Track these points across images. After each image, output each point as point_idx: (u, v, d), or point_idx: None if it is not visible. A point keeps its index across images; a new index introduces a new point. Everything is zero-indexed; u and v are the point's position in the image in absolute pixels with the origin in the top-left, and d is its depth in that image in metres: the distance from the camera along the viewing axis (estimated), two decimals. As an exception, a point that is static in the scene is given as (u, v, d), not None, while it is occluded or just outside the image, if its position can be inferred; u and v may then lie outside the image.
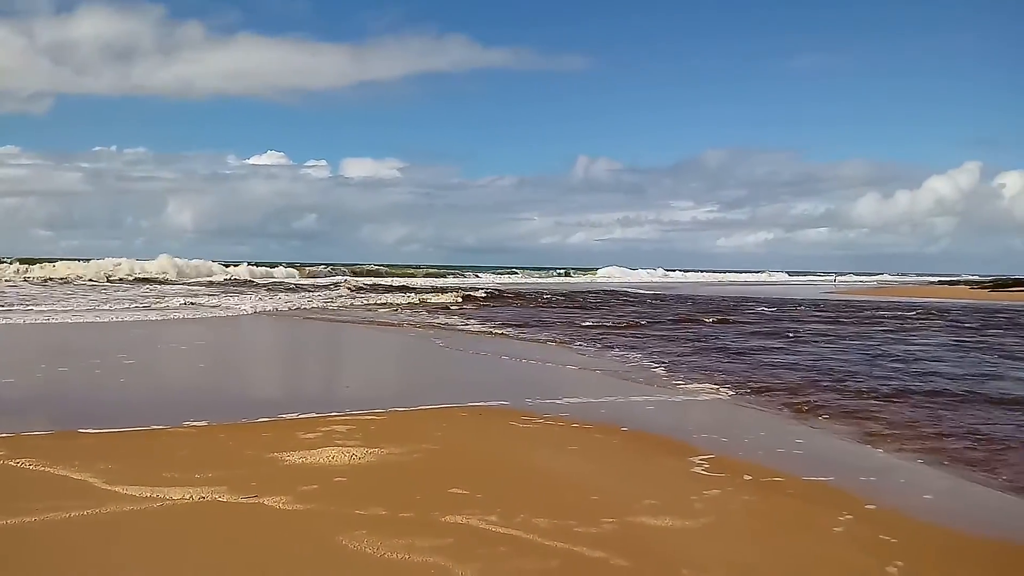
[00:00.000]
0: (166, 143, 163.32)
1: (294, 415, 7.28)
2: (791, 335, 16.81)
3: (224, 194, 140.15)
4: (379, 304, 25.36)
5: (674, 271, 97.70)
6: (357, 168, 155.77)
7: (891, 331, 18.34)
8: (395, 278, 53.52)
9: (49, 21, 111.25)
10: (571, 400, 8.60)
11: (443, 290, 35.06)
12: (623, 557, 3.94)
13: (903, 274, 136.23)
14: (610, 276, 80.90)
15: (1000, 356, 13.35)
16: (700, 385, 9.83)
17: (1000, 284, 58.78)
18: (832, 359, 12.54)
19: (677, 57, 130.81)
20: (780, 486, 5.39)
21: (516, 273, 78.41)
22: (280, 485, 4.98)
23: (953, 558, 4.18)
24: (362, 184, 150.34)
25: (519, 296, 32.10)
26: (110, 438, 6.31)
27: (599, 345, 14.32)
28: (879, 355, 13.20)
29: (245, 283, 39.47)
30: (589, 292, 39.27)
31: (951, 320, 22.53)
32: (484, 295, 31.19)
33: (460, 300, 27.99)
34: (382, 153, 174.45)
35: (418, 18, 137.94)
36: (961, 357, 13.09)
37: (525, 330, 17.13)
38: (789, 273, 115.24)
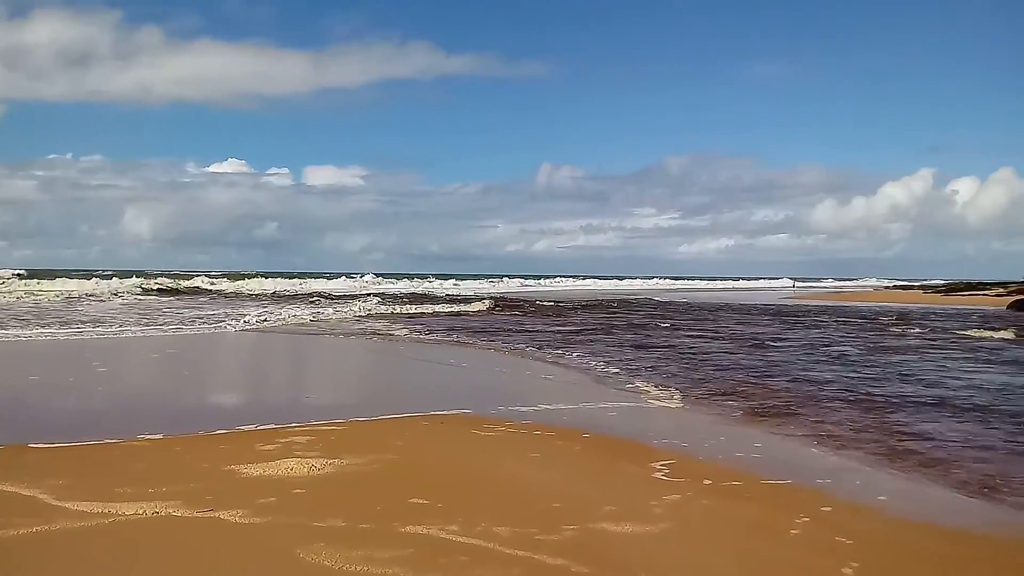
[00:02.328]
0: (123, 151, 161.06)
1: (252, 427, 7.17)
2: (754, 342, 17.07)
3: (183, 202, 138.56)
4: (415, 314, 25.44)
5: (607, 279, 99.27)
6: (320, 176, 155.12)
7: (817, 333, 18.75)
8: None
9: (2, 26, 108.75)
10: (534, 407, 8.60)
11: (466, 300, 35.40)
12: (583, 564, 3.94)
13: (863, 279, 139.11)
14: (558, 284, 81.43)
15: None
16: (661, 390, 9.91)
17: (953, 288, 60.33)
18: (792, 362, 12.75)
19: (638, 64, 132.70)
20: (739, 490, 5.44)
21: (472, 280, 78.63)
22: (237, 498, 4.90)
23: (906, 558, 4.26)
24: (325, 192, 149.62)
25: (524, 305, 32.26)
26: (61, 452, 6.14)
27: (564, 350, 14.36)
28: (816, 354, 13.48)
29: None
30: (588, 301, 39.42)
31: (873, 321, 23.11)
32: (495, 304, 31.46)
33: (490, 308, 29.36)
34: (345, 161, 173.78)
35: (381, 25, 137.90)
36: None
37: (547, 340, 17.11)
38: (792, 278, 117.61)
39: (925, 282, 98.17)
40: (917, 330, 20.64)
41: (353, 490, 5.20)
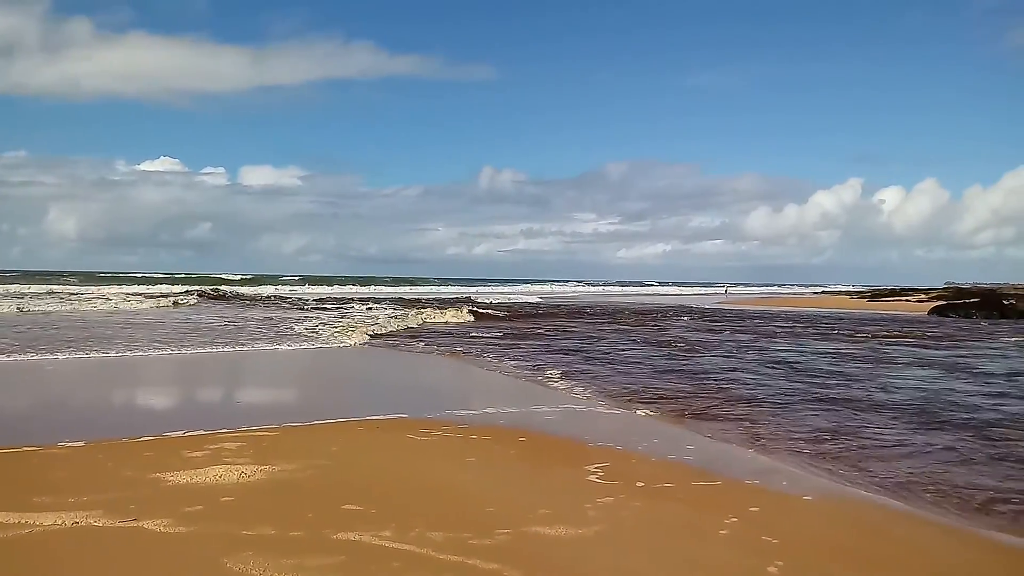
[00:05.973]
0: (49, 146, 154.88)
1: (180, 432, 6.97)
2: (688, 347, 17.42)
3: (112, 201, 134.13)
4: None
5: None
6: (256, 176, 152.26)
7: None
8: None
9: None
10: (471, 411, 8.58)
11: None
12: (517, 567, 3.95)
13: (797, 284, 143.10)
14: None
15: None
16: (597, 394, 10.00)
17: (878, 294, 62.79)
18: (721, 368, 13.04)
19: (581, 70, 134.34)
20: (670, 492, 5.53)
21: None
22: (161, 507, 4.75)
23: (830, 555, 4.39)
24: (261, 193, 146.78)
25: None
26: (-26, 462, 5.87)
27: (503, 356, 14.39)
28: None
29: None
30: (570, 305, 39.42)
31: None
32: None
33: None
34: (283, 161, 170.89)
35: (323, 23, 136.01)
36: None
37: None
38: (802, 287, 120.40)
39: (852, 288, 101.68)
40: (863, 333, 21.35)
41: (284, 497, 5.10)
